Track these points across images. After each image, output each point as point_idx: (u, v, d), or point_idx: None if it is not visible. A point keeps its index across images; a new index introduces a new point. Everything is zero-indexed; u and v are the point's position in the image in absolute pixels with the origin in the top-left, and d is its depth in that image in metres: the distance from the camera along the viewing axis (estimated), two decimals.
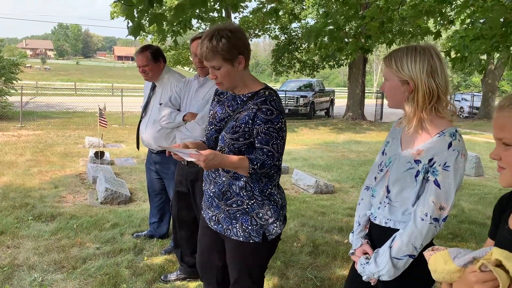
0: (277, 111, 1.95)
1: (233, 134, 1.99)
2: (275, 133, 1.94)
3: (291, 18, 11.21)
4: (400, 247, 1.65)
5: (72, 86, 33.48)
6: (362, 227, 1.90)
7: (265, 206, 2.03)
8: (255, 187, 2.01)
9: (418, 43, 1.78)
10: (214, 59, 1.94)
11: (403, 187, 1.70)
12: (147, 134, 3.80)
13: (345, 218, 5.11)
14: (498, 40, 5.41)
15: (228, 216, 2.07)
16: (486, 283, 1.03)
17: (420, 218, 1.63)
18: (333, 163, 9.01)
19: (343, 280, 3.49)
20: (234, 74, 1.99)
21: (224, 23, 2.05)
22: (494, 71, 21.51)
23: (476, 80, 42.95)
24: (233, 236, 2.07)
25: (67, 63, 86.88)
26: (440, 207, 1.62)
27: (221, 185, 2.07)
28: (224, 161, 1.88)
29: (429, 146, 1.65)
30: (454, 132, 1.64)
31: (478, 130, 16.72)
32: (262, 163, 1.91)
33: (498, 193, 6.63)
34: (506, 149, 1.13)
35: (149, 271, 3.52)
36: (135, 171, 7.36)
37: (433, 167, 1.63)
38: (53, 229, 4.36)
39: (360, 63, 18.76)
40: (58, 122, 14.45)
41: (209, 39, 1.91)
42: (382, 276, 1.70)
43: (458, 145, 1.62)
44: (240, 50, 1.96)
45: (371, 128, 16.87)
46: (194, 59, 2.99)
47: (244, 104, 2.02)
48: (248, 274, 2.13)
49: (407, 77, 1.65)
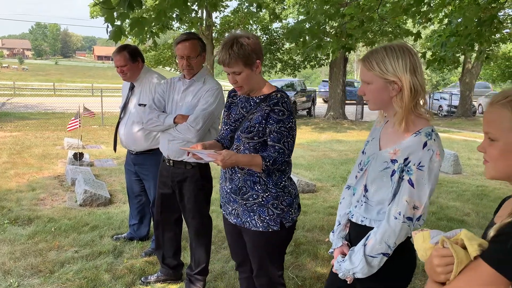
0: (288, 112, 2.13)
1: (248, 134, 2.17)
2: (286, 132, 2.11)
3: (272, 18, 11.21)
4: (374, 245, 1.66)
5: (51, 86, 32.84)
6: (342, 227, 1.92)
7: (279, 197, 2.20)
8: (269, 181, 2.19)
9: (391, 42, 1.78)
10: (236, 65, 2.09)
11: (379, 186, 1.72)
12: (126, 135, 3.76)
13: (326, 217, 5.14)
14: (473, 38, 5.51)
15: (246, 210, 2.23)
16: (443, 257, 1.11)
17: (393, 216, 1.64)
18: (314, 162, 9.05)
19: (324, 279, 3.51)
20: (253, 78, 2.16)
21: (236, 32, 2.18)
22: (471, 70, 21.90)
23: (454, 79, 43.72)
24: (252, 228, 2.23)
25: (45, 63, 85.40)
26: (414, 206, 1.63)
27: (236, 181, 2.24)
28: (239, 159, 2.06)
29: (405, 146, 1.66)
30: (430, 132, 1.64)
31: (456, 128, 17.01)
32: (274, 160, 2.08)
33: (475, 190, 6.76)
34: (491, 144, 1.17)
35: (129, 273, 3.48)
36: (115, 173, 7.26)
37: (408, 166, 1.64)
38: (30, 232, 4.27)
39: (340, 63, 18.89)
40: (36, 123, 14.18)
41: (230, 46, 2.07)
42: (356, 273, 1.71)
43: (433, 144, 1.62)
44: (258, 55, 2.13)
45: (352, 127, 17.01)
46: (180, 60, 2.96)
47: (257, 106, 2.19)
48: (270, 261, 2.32)
49: (393, 76, 1.64)
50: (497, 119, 1.15)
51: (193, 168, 3.04)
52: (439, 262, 1.11)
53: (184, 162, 3.03)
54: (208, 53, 16.13)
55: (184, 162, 3.04)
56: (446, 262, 1.10)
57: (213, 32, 17.35)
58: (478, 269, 1.04)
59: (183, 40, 2.93)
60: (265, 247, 2.28)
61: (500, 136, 1.14)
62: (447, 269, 1.10)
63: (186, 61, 2.92)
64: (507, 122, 1.12)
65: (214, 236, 4.26)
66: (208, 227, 3.26)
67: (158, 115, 3.01)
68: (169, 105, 3.09)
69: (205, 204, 3.18)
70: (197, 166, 3.04)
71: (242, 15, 18.24)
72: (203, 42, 3.08)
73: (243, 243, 2.38)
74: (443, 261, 1.11)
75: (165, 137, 3.06)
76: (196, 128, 2.87)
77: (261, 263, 2.32)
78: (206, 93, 2.94)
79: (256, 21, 20.19)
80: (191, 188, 3.07)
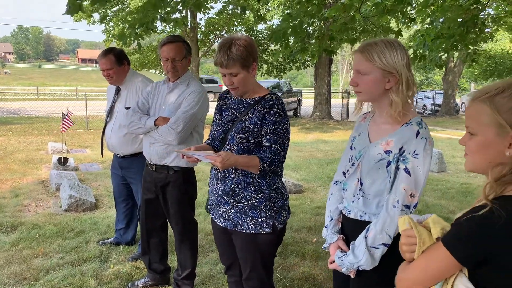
0: (283, 114, 2.17)
1: (243, 134, 2.17)
2: (282, 133, 2.14)
3: (256, 19, 11.22)
4: (375, 235, 1.69)
5: (34, 90, 32.38)
6: (335, 221, 1.94)
7: (272, 199, 2.21)
8: (262, 182, 2.19)
9: (385, 38, 1.82)
10: (233, 66, 2.11)
11: (374, 179, 1.75)
12: (113, 139, 3.72)
13: (314, 217, 5.15)
14: (457, 39, 5.59)
15: (238, 212, 2.23)
16: (408, 237, 1.22)
17: (392, 205, 1.67)
18: (301, 162, 9.07)
19: (312, 280, 3.51)
20: (248, 79, 2.18)
21: (233, 34, 2.22)
22: (454, 69, 22.22)
23: (437, 78, 44.31)
24: (244, 230, 2.22)
25: (28, 66, 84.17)
26: (411, 194, 1.67)
27: (230, 182, 2.23)
28: (238, 160, 2.05)
29: (398, 136, 1.71)
30: (420, 121, 1.72)
31: (440, 127, 17.24)
32: (270, 161, 2.10)
33: (460, 188, 6.85)
34: (471, 138, 1.21)
35: (116, 279, 3.44)
36: (101, 177, 7.18)
37: (403, 155, 1.68)
38: (13, 239, 4.19)
39: (326, 63, 19.00)
40: (19, 128, 13.94)
41: (227, 48, 2.08)
42: (361, 266, 1.72)
43: (425, 133, 1.69)
44: (254, 58, 2.16)
45: (337, 127, 17.11)
46: (165, 63, 2.94)
47: (251, 107, 2.21)
48: (262, 264, 2.31)
49: (392, 68, 1.69)
50: (476, 114, 1.18)
51: (176, 172, 3.02)
52: (404, 241, 1.23)
53: (166, 166, 3.01)
54: (193, 54, 16.07)
55: (166, 167, 3.01)
56: (411, 242, 1.20)
57: (198, 34, 17.29)
58: (437, 250, 1.13)
59: (168, 42, 2.91)
60: (257, 249, 2.27)
61: (479, 130, 1.18)
62: (412, 248, 1.20)
63: (171, 63, 2.90)
64: (486, 117, 1.15)
65: (201, 239, 4.25)
66: (193, 231, 3.24)
67: (140, 117, 2.98)
68: (152, 108, 3.07)
69: (189, 209, 3.16)
70: (180, 170, 3.02)
71: (226, 16, 18.21)
72: (189, 45, 3.07)
73: (232, 247, 2.37)
74: (408, 241, 1.21)
75: (147, 140, 3.04)
76: (176, 130, 2.84)
77: (251, 266, 2.31)
78: (189, 95, 2.93)
79: (240, 23, 20.18)
80: (174, 193, 3.05)
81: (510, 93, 1.13)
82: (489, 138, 1.15)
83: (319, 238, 4.43)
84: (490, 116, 1.14)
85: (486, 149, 1.17)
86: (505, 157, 1.13)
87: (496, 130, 1.14)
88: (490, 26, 9.00)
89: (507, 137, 1.12)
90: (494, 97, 1.14)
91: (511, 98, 1.12)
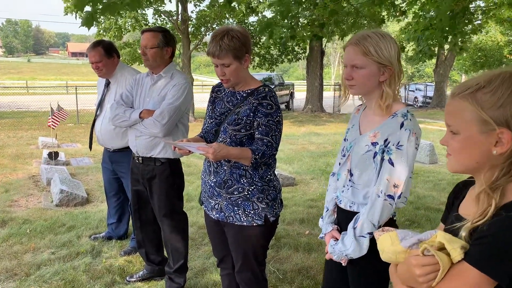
0: (276, 106, 2.17)
1: (235, 126, 2.16)
2: (274, 125, 2.14)
3: (248, 12, 11.14)
4: (362, 225, 1.73)
5: (23, 84, 32.01)
6: (330, 212, 1.99)
7: (265, 191, 2.21)
8: (255, 174, 2.19)
9: (376, 30, 1.81)
10: (226, 57, 2.10)
11: (362, 169, 1.78)
12: (103, 133, 3.69)
13: (306, 210, 5.16)
14: (447, 31, 5.60)
15: (230, 204, 2.22)
16: (425, 267, 1.08)
17: (376, 195, 1.71)
18: (293, 155, 9.08)
19: (305, 272, 3.53)
20: (241, 71, 2.17)
21: (228, 25, 2.22)
22: (445, 61, 22.30)
23: (429, 70, 44.48)
24: (236, 222, 2.22)
25: (17, 60, 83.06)
26: (394, 185, 1.69)
27: (222, 174, 2.22)
28: (230, 152, 2.05)
29: (384, 128, 1.74)
30: (406, 113, 1.72)
31: (431, 119, 17.32)
32: (262, 153, 2.10)
33: (451, 179, 6.90)
34: (453, 137, 1.15)
35: (108, 273, 3.42)
36: (92, 171, 7.13)
37: (387, 146, 1.71)
38: (4, 235, 4.16)
39: (317, 56, 18.99)
40: (9, 123, 13.80)
41: (220, 38, 2.07)
42: (349, 255, 1.77)
43: (409, 124, 1.70)
44: (247, 49, 2.14)
45: (330, 120, 17.14)
46: (142, 52, 2.91)
47: (244, 99, 2.20)
48: (254, 256, 2.30)
49: (387, 62, 1.71)
50: (458, 112, 1.12)
51: (162, 164, 3.00)
52: (421, 272, 1.09)
53: (153, 158, 3.00)
54: (184, 47, 15.95)
55: (153, 159, 3.00)
56: (429, 271, 1.08)
57: (189, 27, 17.15)
58: (464, 273, 1.04)
59: (148, 30, 2.94)
60: (249, 241, 2.27)
61: (461, 129, 1.12)
62: (430, 277, 1.08)
63: (142, 51, 2.90)
64: (468, 114, 1.09)
65: (194, 232, 4.24)
66: (182, 223, 3.20)
67: (125, 110, 2.96)
68: (136, 100, 3.05)
69: (177, 201, 3.14)
70: (167, 162, 3.00)
71: (218, 9, 18.07)
72: (170, 36, 2.98)
73: (225, 239, 2.37)
74: (426, 271, 1.08)
75: (132, 133, 3.02)
76: (162, 122, 2.83)
77: (243, 258, 2.31)
78: (173, 87, 2.91)
79: (232, 15, 20.04)
80: (161, 186, 3.03)
81: (492, 88, 1.07)
82: (474, 136, 1.09)
83: (312, 230, 4.45)
84: (473, 113, 1.08)
85: (471, 148, 1.11)
86: (493, 156, 1.07)
87: (480, 127, 1.08)
88: (480, 18, 9.03)
89: (493, 134, 1.06)
90: (475, 93, 1.08)
91: (494, 93, 1.06)
